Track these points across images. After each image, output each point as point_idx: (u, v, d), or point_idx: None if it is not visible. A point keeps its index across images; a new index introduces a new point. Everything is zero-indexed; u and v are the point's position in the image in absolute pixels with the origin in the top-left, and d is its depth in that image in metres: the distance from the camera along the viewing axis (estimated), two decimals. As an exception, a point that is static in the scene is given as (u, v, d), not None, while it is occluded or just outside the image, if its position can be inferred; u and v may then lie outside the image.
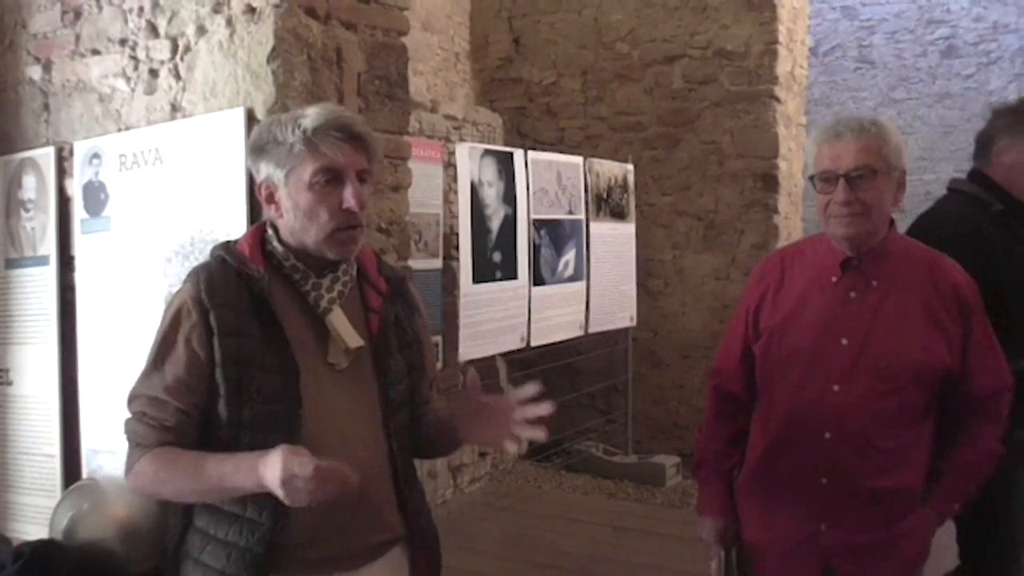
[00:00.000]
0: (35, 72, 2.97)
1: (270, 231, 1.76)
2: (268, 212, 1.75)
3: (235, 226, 2.39)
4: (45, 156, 2.90)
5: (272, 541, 1.64)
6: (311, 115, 1.66)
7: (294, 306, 1.72)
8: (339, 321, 1.72)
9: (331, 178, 1.66)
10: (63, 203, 2.87)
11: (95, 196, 2.76)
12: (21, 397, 2.93)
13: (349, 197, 1.65)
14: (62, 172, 2.88)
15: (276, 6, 2.40)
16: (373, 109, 2.66)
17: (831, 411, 1.98)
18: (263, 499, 1.61)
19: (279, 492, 1.48)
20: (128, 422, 1.72)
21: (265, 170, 1.71)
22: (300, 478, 1.45)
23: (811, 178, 2.03)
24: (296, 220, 1.69)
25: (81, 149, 2.80)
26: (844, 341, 1.98)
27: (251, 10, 2.45)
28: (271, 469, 1.49)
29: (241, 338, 1.65)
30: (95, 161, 2.76)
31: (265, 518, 1.64)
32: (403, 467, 1.80)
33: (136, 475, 1.69)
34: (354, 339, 1.72)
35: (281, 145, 1.66)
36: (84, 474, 2.73)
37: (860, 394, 1.96)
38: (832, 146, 1.96)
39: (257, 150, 1.72)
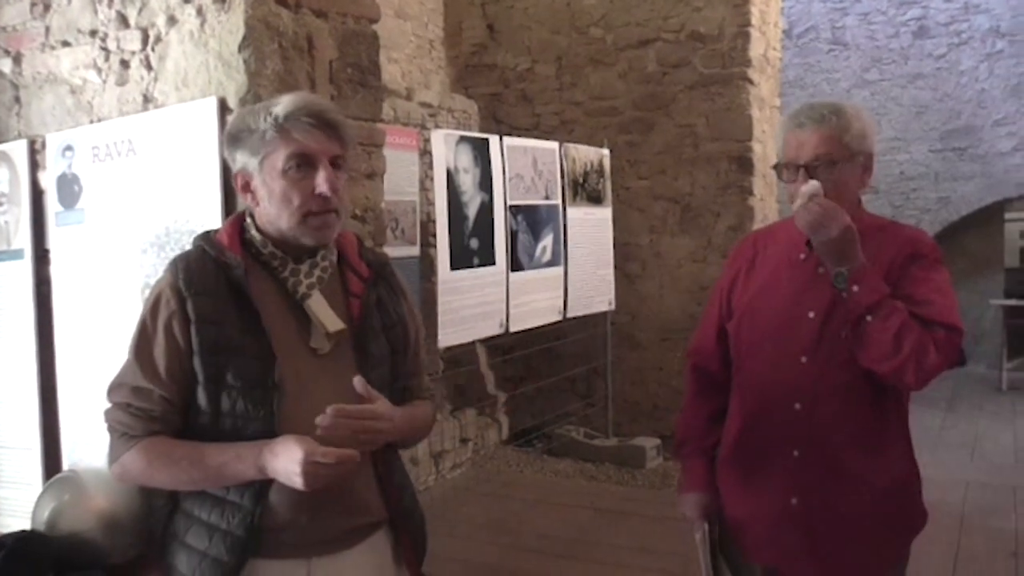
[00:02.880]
0: (5, 65, 2.96)
1: (248, 220, 1.78)
2: (244, 201, 1.77)
3: (210, 216, 2.39)
4: (17, 149, 2.89)
5: (252, 524, 1.66)
6: (283, 103, 1.69)
7: (274, 294, 1.74)
8: (318, 306, 1.73)
9: (303, 164, 1.67)
10: (37, 196, 2.86)
11: (69, 188, 2.75)
12: (-1, 391, 2.93)
13: (322, 182, 1.67)
14: (35, 165, 2.87)
15: (246, -5, 2.40)
16: (345, 96, 2.66)
17: (799, 382, 2.02)
18: (245, 483, 1.65)
19: (294, 478, 1.56)
20: (110, 412, 1.74)
21: (240, 159, 1.73)
22: (322, 464, 1.54)
23: (775, 167, 2.07)
24: (271, 207, 1.71)
25: (54, 141, 2.79)
26: (811, 314, 2.02)
27: (221, -1, 2.45)
28: (283, 457, 1.57)
29: (219, 326, 1.67)
30: (68, 153, 2.75)
31: (246, 501, 1.67)
32: (383, 449, 1.80)
33: (123, 465, 1.72)
34: (334, 323, 1.73)
35: (254, 133, 1.69)
36: (65, 466, 2.73)
37: (825, 364, 1.99)
38: (795, 135, 2.00)
39: (232, 140, 1.74)
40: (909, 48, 10.58)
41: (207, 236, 1.79)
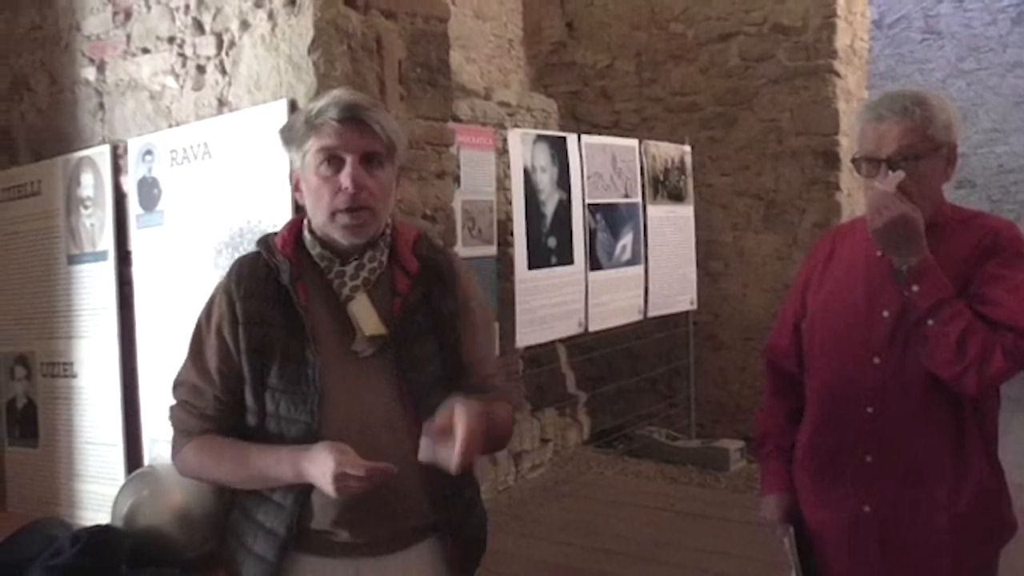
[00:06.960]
0: (90, 73, 3.06)
1: (306, 221, 1.79)
2: (299, 199, 1.79)
3: (281, 216, 2.42)
4: (101, 154, 2.98)
5: (292, 525, 1.69)
6: (319, 100, 1.69)
7: (324, 295, 1.73)
8: (360, 308, 1.71)
9: (332, 160, 1.67)
10: (119, 199, 2.95)
11: (149, 191, 2.83)
12: (85, 389, 3.02)
13: (344, 178, 1.65)
14: (117, 169, 2.95)
15: (315, -3, 2.42)
16: (415, 96, 2.67)
17: (871, 384, 1.93)
18: (291, 485, 1.67)
19: (327, 487, 1.56)
20: (173, 408, 1.80)
21: (292, 159, 1.75)
22: (352, 477, 1.53)
23: (854, 160, 1.97)
24: (309, 204, 1.72)
25: (135, 146, 2.87)
26: (885, 313, 1.93)
27: (291, 3, 2.48)
28: (318, 466, 1.57)
29: (265, 327, 1.69)
30: (148, 157, 2.82)
31: (289, 502, 1.69)
32: None
33: (182, 460, 1.79)
34: (372, 327, 1.70)
35: (295, 131, 1.71)
36: (145, 462, 2.80)
37: (898, 365, 1.90)
38: (875, 128, 1.90)
39: (283, 140, 1.76)
40: (1008, 35, 10.14)
41: (266, 239, 1.80)
